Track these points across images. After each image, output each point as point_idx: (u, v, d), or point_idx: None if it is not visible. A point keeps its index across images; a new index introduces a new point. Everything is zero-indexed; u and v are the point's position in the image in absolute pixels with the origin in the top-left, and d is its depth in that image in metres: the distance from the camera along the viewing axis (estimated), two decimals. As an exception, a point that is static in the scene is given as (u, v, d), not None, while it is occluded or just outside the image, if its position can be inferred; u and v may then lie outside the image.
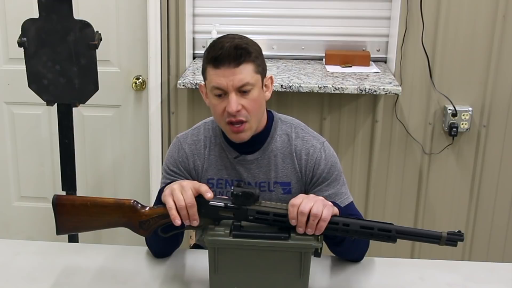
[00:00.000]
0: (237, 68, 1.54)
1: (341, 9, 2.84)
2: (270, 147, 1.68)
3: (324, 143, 1.69)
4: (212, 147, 1.70)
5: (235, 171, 1.68)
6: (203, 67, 1.62)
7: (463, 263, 2.01)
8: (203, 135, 1.72)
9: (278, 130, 1.69)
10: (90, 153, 3.03)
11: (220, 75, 1.55)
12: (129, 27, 2.87)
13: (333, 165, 1.67)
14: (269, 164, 1.67)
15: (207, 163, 1.69)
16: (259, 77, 1.60)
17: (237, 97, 1.55)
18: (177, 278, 1.55)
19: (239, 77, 1.54)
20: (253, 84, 1.57)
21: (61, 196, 1.50)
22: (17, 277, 1.56)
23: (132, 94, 2.95)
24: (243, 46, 1.55)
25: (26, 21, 2.16)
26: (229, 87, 1.55)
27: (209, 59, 1.57)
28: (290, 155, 1.67)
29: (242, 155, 1.67)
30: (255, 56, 1.58)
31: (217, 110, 1.59)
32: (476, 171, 2.87)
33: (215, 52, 1.55)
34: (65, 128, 2.31)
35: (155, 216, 1.47)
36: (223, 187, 1.69)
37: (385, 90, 2.56)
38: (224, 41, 1.56)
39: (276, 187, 1.67)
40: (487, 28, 2.69)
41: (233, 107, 1.54)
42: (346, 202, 1.65)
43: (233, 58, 1.53)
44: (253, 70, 1.57)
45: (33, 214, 3.14)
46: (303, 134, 1.70)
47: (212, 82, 1.56)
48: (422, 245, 2.87)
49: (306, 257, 1.39)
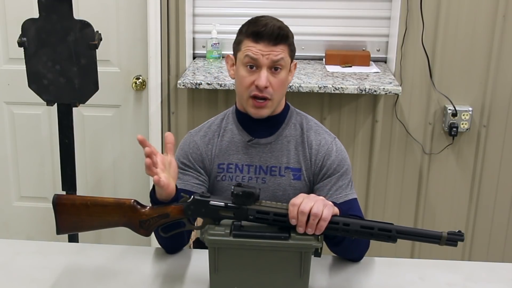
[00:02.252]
0: (275, 46, 1.63)
1: (341, 9, 2.84)
2: (284, 132, 1.74)
3: (335, 139, 1.76)
4: (224, 133, 1.76)
5: (247, 155, 1.72)
6: (237, 39, 1.69)
7: (463, 263, 2.01)
8: (216, 125, 1.78)
9: (293, 119, 1.77)
10: (90, 153, 3.03)
11: (258, 48, 1.63)
12: (129, 27, 2.87)
13: (344, 159, 1.73)
14: (282, 149, 1.73)
15: (218, 149, 1.74)
16: (290, 60, 1.69)
17: (268, 73, 1.63)
18: (177, 278, 1.55)
19: (276, 53, 1.63)
20: (285, 64, 1.66)
21: (61, 196, 1.50)
22: (17, 277, 1.56)
23: (132, 94, 2.95)
24: (285, 29, 1.66)
25: (26, 21, 2.16)
26: (264, 61, 1.63)
27: (249, 32, 1.65)
28: (302, 143, 1.73)
29: (255, 138, 1.72)
30: (291, 41, 1.69)
31: (245, 82, 1.66)
32: (476, 171, 2.87)
33: (258, 28, 1.63)
34: (65, 128, 2.31)
35: (155, 216, 1.48)
36: (233, 172, 1.72)
37: (385, 90, 2.56)
38: (267, 20, 1.65)
39: (287, 172, 1.71)
40: (487, 28, 2.69)
41: (263, 81, 1.63)
42: (351, 197, 1.68)
43: (274, 37, 1.62)
44: (287, 52, 1.66)
45: (33, 214, 3.14)
46: (316, 127, 1.77)
47: (248, 52, 1.63)
48: (422, 245, 2.87)
49: (306, 257, 1.39)
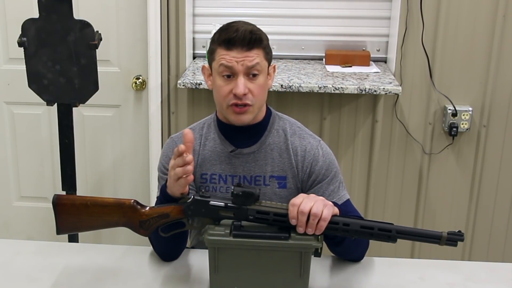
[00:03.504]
0: (249, 52, 1.59)
1: (341, 9, 2.84)
2: (267, 140, 1.70)
3: (320, 141, 1.72)
4: (206, 142, 1.71)
5: (230, 165, 1.69)
6: (211, 49, 1.65)
7: (463, 263, 2.01)
8: (198, 133, 1.73)
9: (275, 125, 1.72)
10: (90, 153, 3.03)
11: (232, 56, 1.58)
12: (129, 27, 2.87)
13: (331, 162, 1.70)
14: (266, 158, 1.69)
15: (201, 159, 1.70)
16: (266, 64, 1.64)
17: (245, 80, 1.59)
18: (177, 278, 1.55)
19: (250, 58, 1.58)
20: (261, 69, 1.61)
21: (61, 196, 1.50)
22: (17, 277, 1.56)
23: (132, 94, 2.95)
24: (257, 32, 1.61)
25: (26, 21, 2.16)
26: (239, 68, 1.58)
27: (221, 40, 1.60)
28: (286, 150, 1.69)
29: (238, 148, 1.69)
30: (266, 43, 1.64)
31: (222, 91, 1.62)
32: (476, 171, 2.87)
33: (229, 35, 1.58)
34: (65, 128, 2.31)
35: (155, 216, 1.48)
36: (217, 182, 1.69)
37: (385, 90, 2.56)
38: (238, 25, 1.60)
39: (272, 181, 1.68)
40: (487, 28, 2.69)
41: (241, 89, 1.58)
42: (344, 199, 1.67)
43: (247, 42, 1.58)
44: (263, 56, 1.62)
45: (33, 214, 3.14)
46: (300, 132, 1.73)
47: (222, 60, 1.59)
48: (422, 245, 2.87)
49: (306, 257, 1.39)
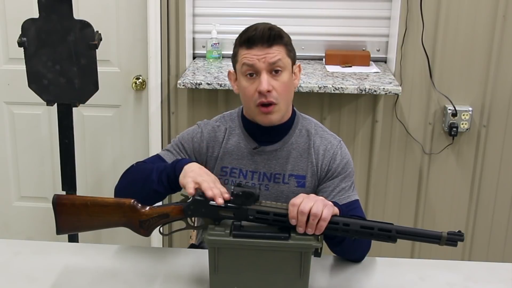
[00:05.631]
0: (270, 48, 1.59)
1: (341, 9, 2.84)
2: (290, 139, 1.71)
3: (341, 141, 1.75)
4: (230, 136, 1.73)
5: (252, 161, 1.71)
6: (234, 52, 1.66)
7: (463, 263, 2.01)
8: (224, 125, 1.75)
9: (299, 125, 1.74)
10: (90, 153, 3.03)
11: (253, 54, 1.59)
12: (129, 27, 2.87)
13: (348, 162, 1.72)
14: (287, 156, 1.70)
15: (222, 152, 1.72)
16: (290, 61, 1.64)
17: (268, 77, 1.59)
18: (177, 278, 1.55)
19: (272, 55, 1.58)
20: (284, 66, 1.61)
21: (61, 196, 1.50)
22: (17, 277, 1.56)
23: (132, 94, 2.95)
24: (276, 29, 1.62)
25: (26, 21, 2.16)
26: (261, 65, 1.59)
27: (242, 41, 1.61)
28: (308, 149, 1.71)
29: (261, 146, 1.70)
30: (287, 41, 1.64)
31: (248, 92, 1.62)
32: (476, 171, 2.87)
33: (249, 34, 1.60)
34: (65, 128, 2.31)
35: (155, 216, 1.48)
36: (237, 177, 1.71)
37: (385, 90, 2.56)
38: (257, 25, 1.62)
39: (291, 179, 1.70)
40: (487, 28, 2.69)
41: (265, 85, 1.58)
42: (353, 198, 1.68)
43: (266, 39, 1.58)
44: (285, 52, 1.61)
45: (33, 214, 3.14)
46: (322, 132, 1.75)
47: (244, 59, 1.60)
48: (422, 245, 2.87)
49: (306, 257, 1.39)
